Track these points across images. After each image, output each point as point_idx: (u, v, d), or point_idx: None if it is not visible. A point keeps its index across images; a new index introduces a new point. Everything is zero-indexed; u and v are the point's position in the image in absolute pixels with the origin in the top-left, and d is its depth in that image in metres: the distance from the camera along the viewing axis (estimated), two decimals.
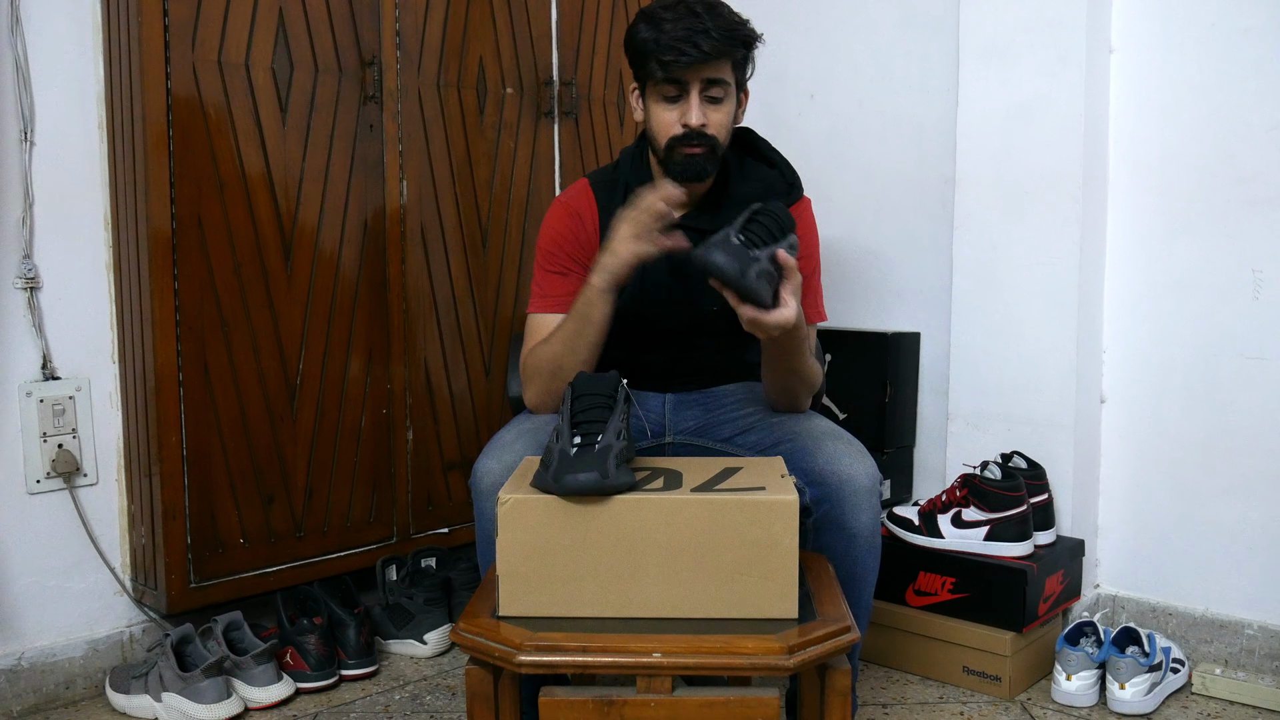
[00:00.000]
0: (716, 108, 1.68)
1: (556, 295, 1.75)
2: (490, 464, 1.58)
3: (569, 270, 1.76)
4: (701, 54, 1.61)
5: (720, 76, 1.66)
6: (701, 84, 1.65)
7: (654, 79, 1.66)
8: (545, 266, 1.79)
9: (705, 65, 1.63)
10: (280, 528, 2.16)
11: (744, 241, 1.47)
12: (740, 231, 1.48)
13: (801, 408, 1.77)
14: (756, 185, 1.78)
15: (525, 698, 1.48)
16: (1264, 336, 2.08)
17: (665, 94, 1.67)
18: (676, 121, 1.67)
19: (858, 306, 2.63)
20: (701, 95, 1.66)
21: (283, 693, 2.03)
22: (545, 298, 1.77)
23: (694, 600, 1.29)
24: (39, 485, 2.04)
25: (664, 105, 1.68)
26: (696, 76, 1.64)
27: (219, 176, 2.04)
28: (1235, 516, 2.13)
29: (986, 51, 2.27)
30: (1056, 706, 2.03)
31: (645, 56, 1.65)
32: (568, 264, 1.77)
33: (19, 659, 2.02)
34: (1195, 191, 2.15)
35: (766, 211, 1.52)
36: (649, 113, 1.71)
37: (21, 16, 1.96)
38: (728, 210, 1.71)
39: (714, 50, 1.62)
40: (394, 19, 2.25)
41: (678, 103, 1.66)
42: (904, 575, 2.18)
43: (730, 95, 1.69)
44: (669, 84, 1.65)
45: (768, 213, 1.52)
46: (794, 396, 1.74)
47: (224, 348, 2.06)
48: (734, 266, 1.45)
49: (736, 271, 1.45)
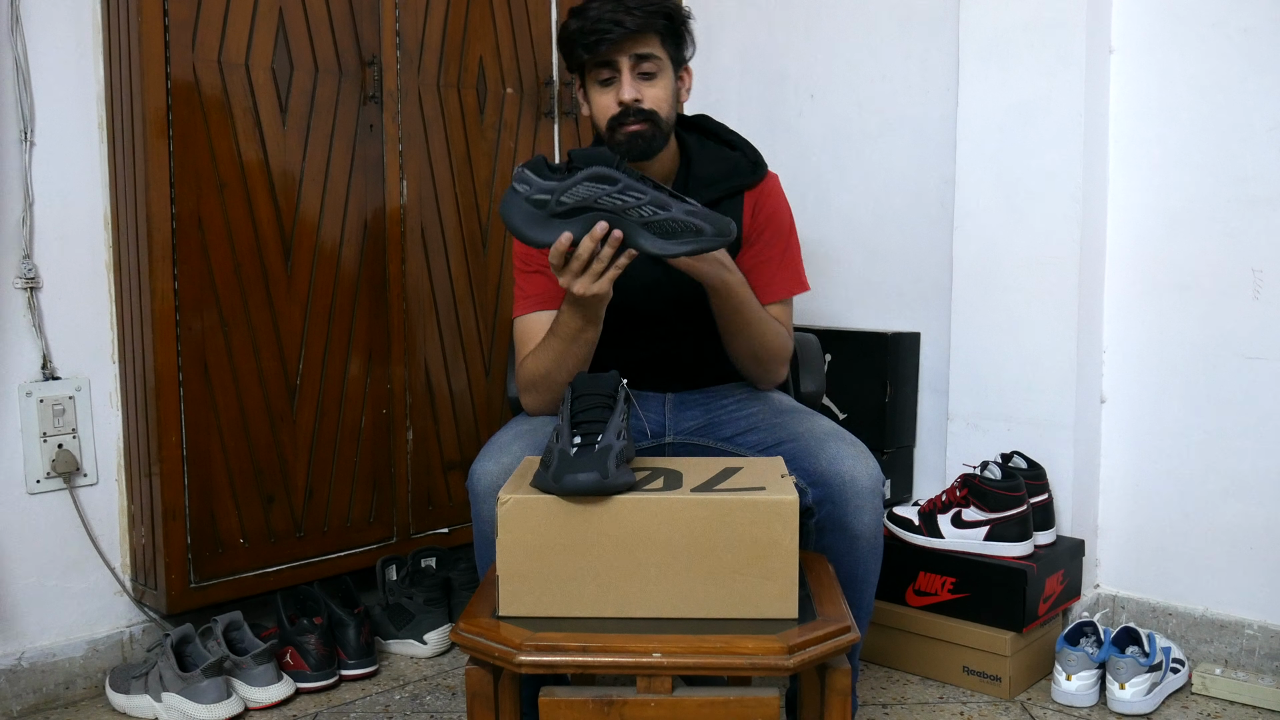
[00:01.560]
0: (651, 83, 1.69)
1: (539, 294, 1.75)
2: (487, 465, 1.58)
3: (545, 268, 1.74)
4: (624, 30, 1.63)
5: (649, 51, 1.67)
6: (631, 60, 1.67)
7: (585, 64, 1.69)
8: (523, 268, 1.78)
9: (630, 41, 1.65)
10: (280, 528, 2.16)
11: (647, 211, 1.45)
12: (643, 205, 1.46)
13: (774, 376, 1.79)
14: (720, 166, 1.80)
15: (525, 698, 1.48)
16: (1264, 336, 2.08)
17: (599, 78, 1.69)
18: (613, 102, 1.68)
19: (858, 306, 2.62)
20: (633, 72, 1.67)
21: (283, 693, 2.03)
22: (529, 298, 1.77)
23: (694, 600, 1.29)
24: (39, 485, 2.04)
25: (599, 90, 1.70)
26: (624, 54, 1.66)
27: (219, 176, 2.04)
28: (1235, 516, 2.13)
29: (986, 51, 2.27)
30: (1056, 706, 2.03)
31: (573, 44, 1.67)
32: (543, 263, 1.74)
33: (19, 659, 2.02)
34: (1195, 191, 2.15)
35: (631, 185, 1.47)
36: (590, 102, 1.73)
37: (21, 16, 1.96)
38: (694, 193, 1.72)
39: (635, 25, 1.63)
40: (394, 19, 2.25)
41: (611, 85, 1.69)
42: (904, 575, 2.18)
43: (665, 70, 1.70)
44: (600, 67, 1.68)
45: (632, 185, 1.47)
46: (759, 362, 1.75)
47: (224, 348, 2.06)
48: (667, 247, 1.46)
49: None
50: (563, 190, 1.43)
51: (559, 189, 1.44)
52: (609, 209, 1.44)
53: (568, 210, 1.44)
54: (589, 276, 1.49)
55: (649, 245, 1.45)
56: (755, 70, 2.77)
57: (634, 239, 1.45)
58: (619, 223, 1.44)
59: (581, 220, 1.45)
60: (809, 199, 2.63)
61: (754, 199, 1.81)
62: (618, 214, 1.44)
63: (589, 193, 1.43)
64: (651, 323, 1.80)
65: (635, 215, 1.44)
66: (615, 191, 1.43)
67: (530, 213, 1.45)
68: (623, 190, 1.43)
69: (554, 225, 1.45)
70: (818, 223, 2.64)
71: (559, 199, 1.44)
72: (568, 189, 1.43)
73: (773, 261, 1.79)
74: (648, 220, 1.44)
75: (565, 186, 1.43)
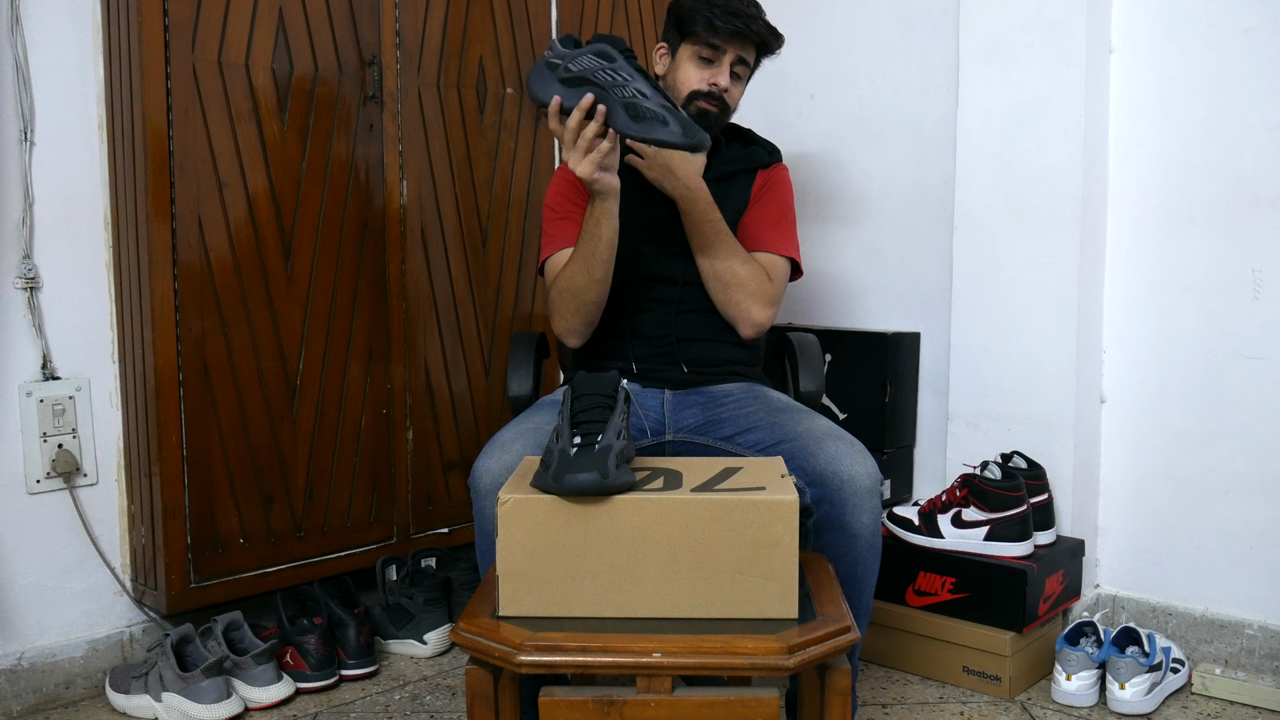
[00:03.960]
0: (737, 83, 1.90)
1: (564, 236, 1.85)
2: (489, 464, 1.58)
3: (573, 215, 1.85)
4: (751, 31, 1.83)
5: (748, 58, 1.88)
6: (734, 58, 1.86)
7: (698, 38, 1.84)
8: (552, 215, 1.89)
9: (745, 43, 1.85)
10: (280, 528, 2.16)
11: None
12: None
13: (742, 308, 1.84)
14: (741, 151, 1.97)
15: (525, 698, 1.48)
16: (1264, 336, 2.08)
17: (700, 54, 1.85)
18: (704, 80, 1.85)
19: (858, 306, 2.63)
20: (731, 67, 1.86)
21: (283, 693, 2.03)
22: (555, 240, 1.87)
23: (694, 600, 1.29)
24: (39, 485, 2.04)
25: (696, 64, 1.86)
26: (734, 50, 1.85)
27: (219, 176, 2.04)
28: (1235, 516, 2.13)
29: (986, 51, 2.27)
30: (1056, 706, 2.03)
31: (696, 15, 1.83)
32: (572, 210, 1.86)
33: (19, 659, 2.02)
34: (1195, 191, 2.15)
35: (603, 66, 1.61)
36: (676, 67, 1.88)
37: (21, 16, 1.96)
38: (715, 167, 1.91)
39: (758, 34, 1.85)
40: (394, 19, 2.25)
41: (709, 66, 1.85)
42: (904, 575, 2.18)
43: (745, 80, 1.91)
44: (708, 47, 1.84)
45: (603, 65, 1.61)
46: (723, 285, 1.83)
47: (224, 348, 2.06)
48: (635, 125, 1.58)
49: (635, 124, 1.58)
50: (571, 58, 1.60)
51: (569, 56, 1.60)
52: (600, 83, 1.59)
53: (572, 78, 1.59)
54: (578, 152, 1.61)
55: (619, 122, 1.59)
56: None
57: (612, 116, 1.59)
58: (604, 98, 1.59)
59: (578, 92, 1.59)
60: (809, 199, 2.63)
61: (764, 176, 1.96)
62: (605, 89, 1.58)
63: (589, 64, 1.59)
64: (660, 272, 1.88)
65: (618, 94, 1.58)
66: (610, 68, 1.59)
67: (543, 73, 1.62)
68: (616, 69, 1.59)
69: (554, 87, 1.60)
70: (818, 223, 2.64)
71: (566, 65, 1.60)
72: (575, 57, 1.60)
73: (766, 220, 1.92)
74: (627, 100, 1.58)
75: (574, 54, 1.60)
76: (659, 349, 1.86)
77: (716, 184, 1.87)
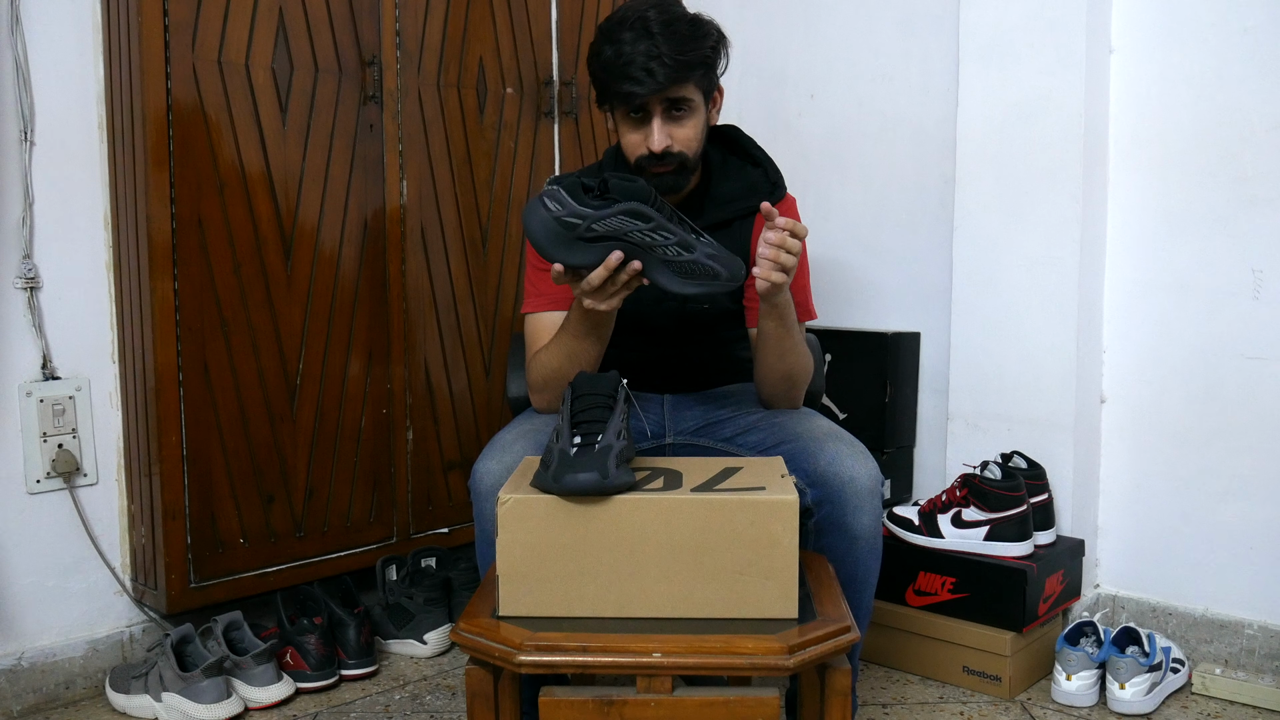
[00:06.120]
0: (681, 125, 1.67)
1: (550, 293, 1.75)
2: (490, 464, 1.58)
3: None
4: (656, 84, 1.60)
5: (682, 95, 1.65)
6: (663, 105, 1.65)
7: (615, 103, 1.67)
8: (536, 264, 1.77)
9: (661, 91, 1.62)
10: (280, 528, 2.16)
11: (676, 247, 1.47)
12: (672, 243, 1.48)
13: (797, 401, 1.77)
14: (739, 185, 1.79)
15: (525, 698, 1.48)
16: (1264, 336, 2.08)
17: (629, 114, 1.67)
18: (642, 143, 1.67)
19: (858, 306, 2.63)
20: (664, 116, 1.65)
21: (283, 693, 2.03)
22: (540, 296, 1.77)
23: (694, 600, 1.29)
24: (39, 485, 2.04)
25: (629, 125, 1.68)
26: (657, 100, 1.64)
27: (219, 176, 2.04)
28: (1235, 516, 2.13)
29: (986, 51, 2.27)
30: (1056, 706, 2.03)
31: (604, 85, 1.66)
32: None
33: (19, 659, 2.02)
34: (1195, 191, 2.15)
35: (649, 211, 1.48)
36: (618, 130, 1.72)
37: (21, 16, 1.96)
38: (711, 210, 1.74)
39: (668, 79, 1.61)
40: (394, 19, 2.25)
41: (642, 125, 1.67)
42: (904, 575, 2.18)
43: (696, 109, 1.68)
44: (630, 108, 1.66)
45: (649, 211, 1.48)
46: (792, 384, 1.72)
47: (224, 348, 2.06)
48: (694, 287, 1.48)
49: (703, 290, 1.48)
50: (596, 219, 1.44)
51: (593, 217, 1.44)
52: (637, 244, 1.46)
53: (596, 237, 1.45)
54: (600, 296, 1.50)
55: (665, 281, 1.48)
56: (755, 70, 2.77)
57: (652, 272, 1.47)
58: (641, 255, 1.46)
59: (605, 248, 1.46)
60: (809, 199, 2.63)
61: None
62: (644, 249, 1.46)
63: (621, 225, 1.44)
64: (658, 329, 1.81)
65: (660, 253, 1.46)
66: (647, 229, 1.45)
67: (558, 233, 1.45)
68: (655, 229, 1.45)
69: (579, 248, 1.45)
70: (818, 223, 2.64)
71: (590, 225, 1.44)
72: (602, 219, 1.44)
73: (793, 285, 1.72)
74: (670, 259, 1.47)
75: (600, 216, 1.44)
76: (656, 379, 1.84)
77: (714, 232, 1.68)
